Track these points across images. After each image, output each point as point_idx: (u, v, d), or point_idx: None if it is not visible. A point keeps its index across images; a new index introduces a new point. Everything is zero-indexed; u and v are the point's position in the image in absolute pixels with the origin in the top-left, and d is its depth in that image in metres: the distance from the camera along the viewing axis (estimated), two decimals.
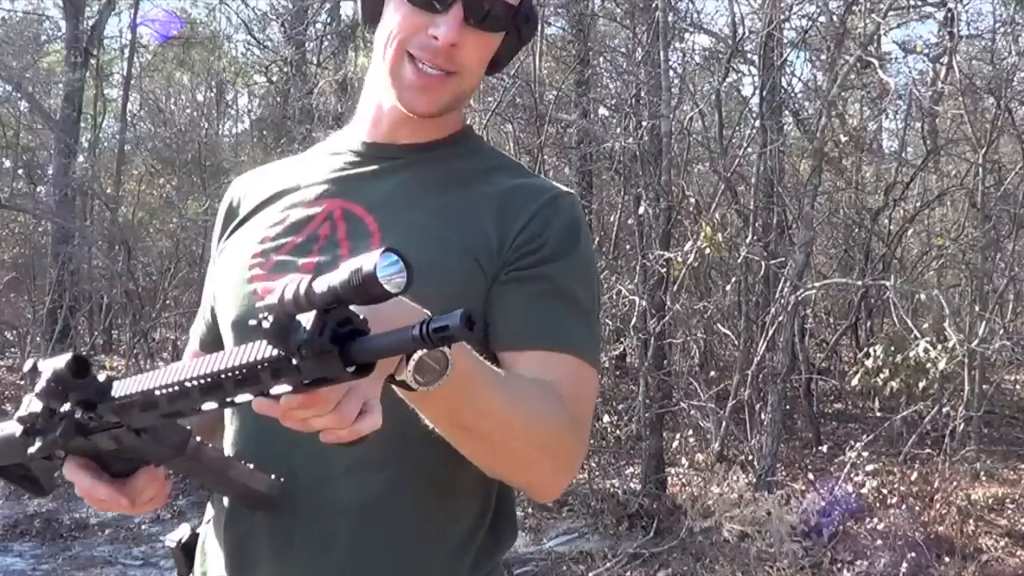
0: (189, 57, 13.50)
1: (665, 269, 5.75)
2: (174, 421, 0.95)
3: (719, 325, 7.18)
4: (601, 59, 8.60)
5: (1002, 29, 7.41)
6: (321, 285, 0.76)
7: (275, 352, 0.78)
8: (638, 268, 6.17)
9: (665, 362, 6.24)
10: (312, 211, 1.20)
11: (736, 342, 6.80)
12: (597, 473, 6.22)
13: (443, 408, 0.96)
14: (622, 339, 7.40)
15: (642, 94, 6.65)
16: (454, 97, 1.18)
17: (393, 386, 0.88)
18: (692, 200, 6.39)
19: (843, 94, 7.15)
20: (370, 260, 0.74)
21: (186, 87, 15.64)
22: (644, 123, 6.25)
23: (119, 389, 0.93)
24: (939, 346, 5.01)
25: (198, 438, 1.03)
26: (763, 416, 5.73)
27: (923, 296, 7.11)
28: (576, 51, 8.11)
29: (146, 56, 14.59)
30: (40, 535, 5.42)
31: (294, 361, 0.77)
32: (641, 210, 6.43)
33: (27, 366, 1.00)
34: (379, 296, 0.74)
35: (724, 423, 6.05)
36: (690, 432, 6.52)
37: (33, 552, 5.23)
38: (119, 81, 14.21)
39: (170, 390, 0.86)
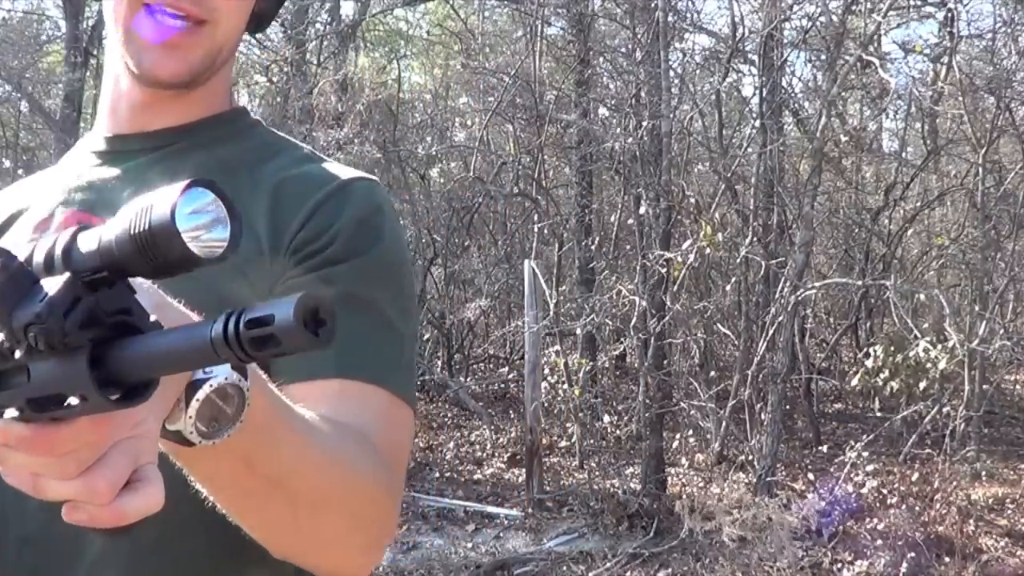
0: None
1: (665, 269, 5.75)
2: None
3: (719, 325, 7.18)
4: (601, 59, 8.61)
5: (1002, 29, 7.40)
6: (89, 239, 0.49)
7: None
8: (638, 268, 6.17)
9: (665, 362, 6.24)
10: (44, 230, 0.93)
11: (736, 342, 6.81)
12: (597, 473, 6.22)
13: (227, 468, 0.66)
14: (622, 339, 7.40)
15: (642, 94, 6.65)
16: (208, 53, 0.92)
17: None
18: (692, 200, 6.40)
19: (843, 94, 7.15)
20: (166, 199, 0.46)
21: None
22: (644, 123, 6.26)
23: None
24: (939, 346, 5.02)
25: None
26: (763, 416, 5.73)
27: (923, 296, 7.11)
28: (576, 51, 8.11)
29: None
30: None
31: (17, 353, 0.48)
32: (641, 210, 6.44)
33: None
34: (177, 262, 0.46)
35: (724, 423, 6.05)
36: (690, 432, 6.52)
37: None
38: None
39: None
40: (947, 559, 4.69)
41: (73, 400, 0.49)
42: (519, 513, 5.79)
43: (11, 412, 0.51)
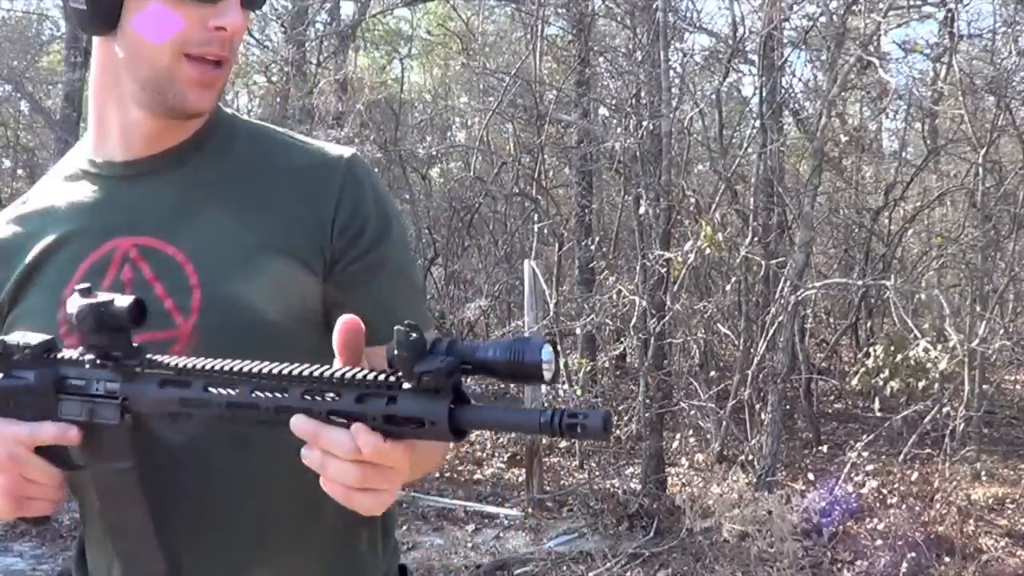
0: None
1: (665, 269, 5.75)
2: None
3: (719, 325, 7.17)
4: (601, 59, 8.60)
5: (1002, 29, 7.40)
6: (476, 352, 0.75)
7: (391, 373, 0.76)
8: (638, 268, 6.17)
9: (665, 362, 6.24)
10: (103, 256, 1.06)
11: (736, 342, 6.80)
12: (597, 473, 6.22)
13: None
14: (622, 339, 7.40)
15: (642, 94, 6.65)
16: (224, 83, 1.08)
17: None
18: (692, 200, 6.39)
19: (843, 94, 7.15)
20: (535, 351, 0.73)
21: None
22: (644, 123, 6.25)
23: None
24: (939, 346, 5.01)
25: None
26: (763, 416, 5.73)
27: (923, 296, 7.11)
28: (576, 51, 8.11)
29: None
30: (40, 535, 5.42)
31: (405, 385, 0.75)
32: (641, 210, 6.43)
33: None
34: (522, 375, 0.74)
35: (724, 423, 6.05)
36: (690, 432, 6.52)
37: (33, 552, 5.23)
38: None
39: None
40: (947, 559, 4.69)
41: (426, 423, 0.75)
42: (519, 513, 5.79)
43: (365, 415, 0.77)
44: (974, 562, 4.70)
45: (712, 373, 6.65)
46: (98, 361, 0.90)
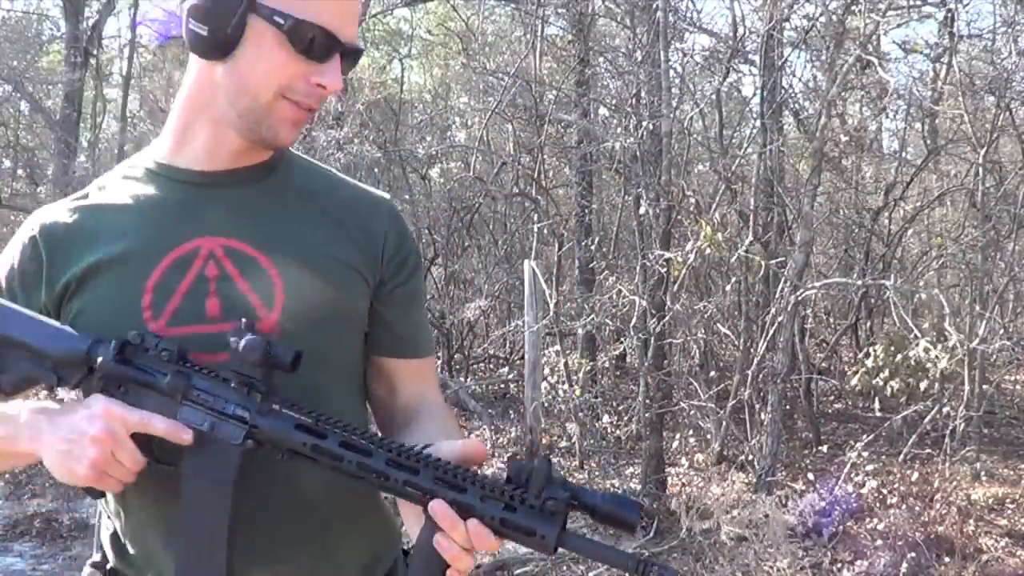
0: (188, 57, 13.51)
1: (665, 269, 5.74)
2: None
3: (719, 325, 7.17)
4: (601, 59, 8.60)
5: (1002, 29, 7.39)
6: (592, 496, 0.93)
7: (513, 488, 0.92)
8: (638, 268, 6.17)
9: (665, 362, 6.24)
10: (187, 252, 1.17)
11: (736, 342, 6.80)
12: (597, 473, 6.22)
13: None
14: (622, 339, 7.40)
15: (642, 94, 6.64)
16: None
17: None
18: (692, 200, 6.39)
19: (843, 94, 7.15)
20: (635, 513, 0.92)
21: None
22: (644, 123, 6.25)
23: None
24: (939, 346, 5.01)
25: None
26: (763, 416, 5.73)
27: (923, 296, 7.11)
28: (576, 51, 8.11)
29: (146, 56, 14.59)
30: (40, 535, 5.42)
31: (528, 501, 0.92)
32: (641, 210, 6.43)
33: None
34: (616, 523, 0.92)
35: (724, 423, 6.05)
36: (690, 432, 6.52)
37: (33, 552, 5.22)
38: (119, 81, 14.21)
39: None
40: (947, 559, 4.69)
41: (536, 535, 0.92)
42: None
43: (486, 515, 0.94)
44: (974, 562, 4.70)
45: (712, 373, 6.65)
46: (245, 388, 1.02)
